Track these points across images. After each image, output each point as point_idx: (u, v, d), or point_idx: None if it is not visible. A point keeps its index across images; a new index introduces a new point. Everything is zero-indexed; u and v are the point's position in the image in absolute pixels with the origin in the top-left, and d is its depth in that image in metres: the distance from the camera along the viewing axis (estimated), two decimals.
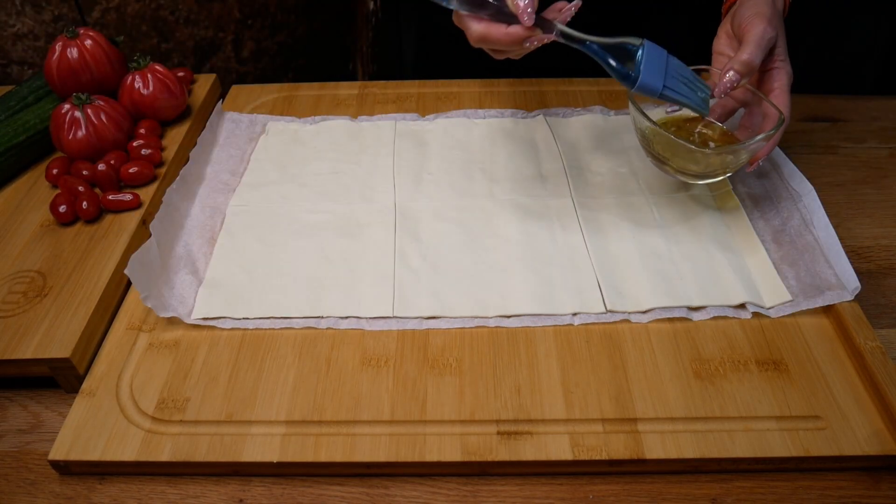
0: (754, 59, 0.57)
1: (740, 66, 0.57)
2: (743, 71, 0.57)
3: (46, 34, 1.13)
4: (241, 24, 1.21)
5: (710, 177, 0.62)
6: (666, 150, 0.61)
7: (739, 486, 0.48)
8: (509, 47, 0.55)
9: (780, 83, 0.59)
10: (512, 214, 0.66)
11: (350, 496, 0.48)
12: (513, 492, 0.48)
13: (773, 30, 0.58)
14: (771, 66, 0.60)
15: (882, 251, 0.65)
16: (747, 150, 0.58)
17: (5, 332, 0.56)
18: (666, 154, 0.61)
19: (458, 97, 0.83)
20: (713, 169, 0.61)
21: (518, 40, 0.54)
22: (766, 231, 0.64)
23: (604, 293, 0.58)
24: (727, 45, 0.62)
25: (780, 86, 0.59)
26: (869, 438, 0.49)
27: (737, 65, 0.57)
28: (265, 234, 0.66)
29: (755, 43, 0.57)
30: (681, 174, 0.62)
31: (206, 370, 0.54)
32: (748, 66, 0.57)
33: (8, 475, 0.51)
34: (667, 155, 0.61)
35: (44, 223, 0.66)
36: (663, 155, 0.61)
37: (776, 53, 0.60)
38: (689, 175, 0.62)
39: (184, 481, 0.50)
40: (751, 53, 0.57)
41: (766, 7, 0.59)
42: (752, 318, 0.57)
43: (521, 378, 0.53)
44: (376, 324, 0.57)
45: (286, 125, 0.79)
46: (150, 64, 0.76)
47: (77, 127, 0.70)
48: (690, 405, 0.51)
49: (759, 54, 0.57)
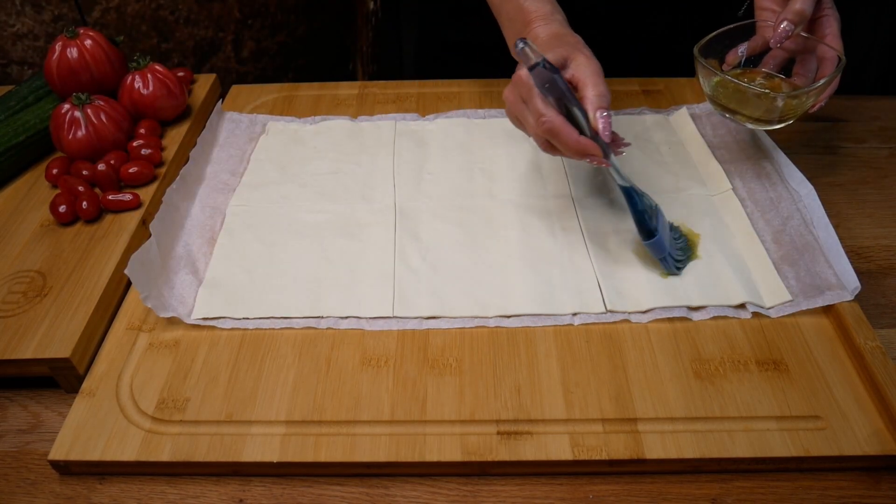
0: (806, 9, 0.59)
1: (793, 16, 0.59)
2: (796, 20, 0.59)
3: (46, 34, 1.13)
4: (241, 24, 1.20)
5: (779, 122, 0.64)
6: (733, 102, 0.64)
7: (739, 486, 0.48)
8: (573, 153, 0.55)
9: (831, 29, 0.62)
10: (512, 214, 0.66)
11: (350, 496, 0.48)
12: (513, 492, 0.48)
13: None
14: (820, 14, 0.62)
15: (882, 251, 0.65)
16: (812, 92, 0.61)
17: (5, 332, 0.56)
18: (734, 105, 0.64)
19: (458, 97, 0.83)
20: (783, 114, 0.63)
21: (583, 153, 0.55)
22: (766, 231, 0.64)
23: (604, 293, 0.58)
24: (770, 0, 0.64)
25: (831, 31, 0.62)
26: (869, 438, 0.49)
27: (790, 14, 0.59)
28: (265, 234, 0.66)
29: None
30: (750, 121, 0.65)
31: (206, 370, 0.54)
32: (801, 16, 0.59)
33: (8, 475, 0.51)
34: (735, 104, 0.64)
35: (44, 223, 0.66)
36: (733, 107, 0.64)
37: (824, 2, 0.62)
38: (762, 122, 0.64)
39: (184, 481, 0.50)
40: (803, 3, 0.59)
41: None
42: (752, 318, 0.57)
43: (521, 378, 0.53)
44: (376, 324, 0.57)
45: (286, 125, 0.79)
46: (150, 64, 0.76)
47: (77, 127, 0.70)
48: (690, 405, 0.51)
49: (810, 4, 0.59)
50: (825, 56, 0.62)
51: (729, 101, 0.65)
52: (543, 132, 0.55)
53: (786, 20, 0.59)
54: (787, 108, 0.62)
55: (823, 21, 0.62)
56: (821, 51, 0.63)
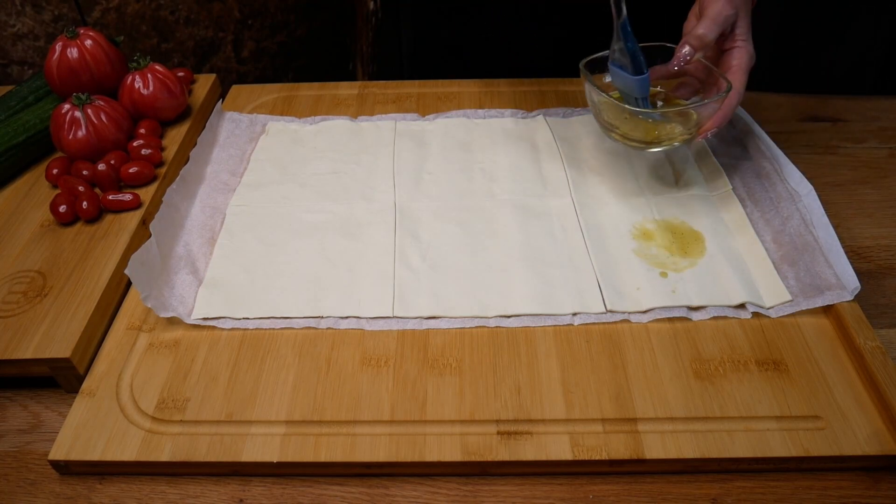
0: (708, 34, 0.59)
1: (694, 40, 0.59)
2: (696, 44, 0.59)
3: (46, 34, 1.13)
4: (241, 24, 1.20)
5: (656, 145, 0.63)
6: (613, 118, 0.63)
7: (739, 486, 0.48)
8: None
9: (738, 62, 0.61)
10: (512, 214, 0.66)
11: (350, 496, 0.48)
12: (513, 492, 0.48)
13: (732, 8, 0.59)
14: (732, 46, 0.61)
15: (882, 251, 0.65)
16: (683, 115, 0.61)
17: (5, 332, 0.56)
18: (614, 122, 0.63)
19: (458, 97, 0.83)
20: (660, 137, 0.62)
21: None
22: (766, 231, 0.64)
23: (604, 293, 0.58)
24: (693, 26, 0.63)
25: (737, 64, 0.61)
26: (869, 438, 0.49)
27: (691, 38, 0.59)
28: (265, 234, 0.66)
29: (711, 18, 0.59)
30: (629, 142, 0.64)
31: (206, 370, 0.54)
32: (701, 40, 0.59)
33: (8, 475, 0.51)
34: (617, 123, 0.63)
35: (44, 223, 0.66)
36: (611, 123, 0.64)
37: (737, 33, 0.61)
38: (639, 143, 0.64)
39: (184, 481, 0.50)
40: (706, 27, 0.58)
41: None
42: (752, 318, 0.57)
43: (521, 378, 0.53)
44: (376, 324, 0.57)
45: (286, 125, 0.79)
46: (150, 64, 0.76)
47: (77, 127, 0.70)
48: (690, 405, 0.51)
49: (714, 29, 0.59)
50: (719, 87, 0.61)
51: (610, 118, 0.64)
52: None
53: (686, 44, 0.59)
54: (663, 132, 0.62)
55: (734, 52, 0.61)
56: (720, 82, 0.61)
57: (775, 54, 0.89)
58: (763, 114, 0.77)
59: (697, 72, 0.64)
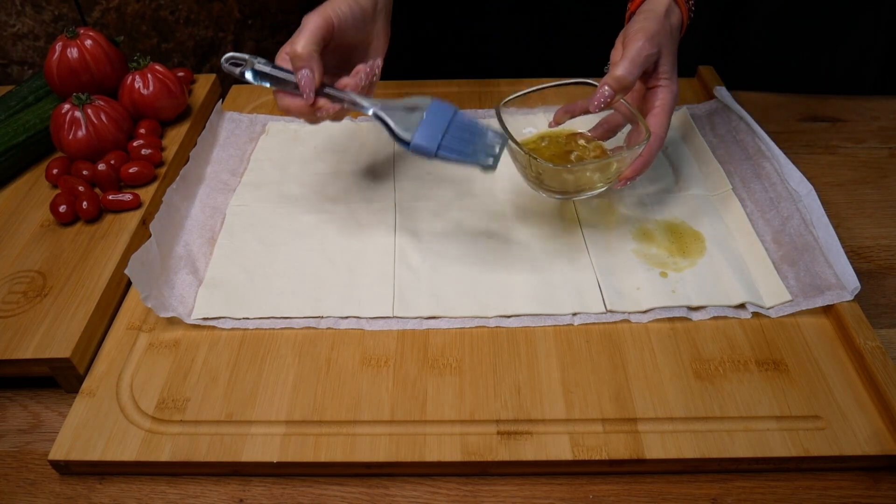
0: (628, 76, 0.56)
1: (613, 82, 0.56)
2: (616, 87, 0.56)
3: (46, 34, 1.13)
4: (241, 24, 1.20)
5: (577, 193, 0.61)
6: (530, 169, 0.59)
7: (739, 486, 0.48)
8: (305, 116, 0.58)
9: (661, 102, 0.59)
10: (512, 214, 0.66)
11: (350, 496, 0.48)
12: (513, 492, 0.48)
13: (654, 46, 0.57)
14: (655, 84, 0.59)
15: (882, 251, 0.65)
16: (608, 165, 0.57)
17: (5, 332, 0.56)
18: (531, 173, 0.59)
19: (458, 97, 0.83)
20: (580, 186, 0.59)
21: (305, 111, 0.57)
22: (766, 231, 0.64)
23: (604, 293, 0.58)
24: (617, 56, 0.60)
25: (660, 104, 0.59)
26: (869, 438, 0.49)
27: (610, 80, 0.56)
28: (265, 234, 0.66)
29: (630, 59, 0.56)
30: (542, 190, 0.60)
31: (206, 370, 0.54)
32: (620, 83, 0.56)
33: (8, 475, 0.51)
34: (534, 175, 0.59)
35: (44, 223, 0.66)
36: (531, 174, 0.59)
37: (660, 71, 0.59)
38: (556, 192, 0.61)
39: (184, 481, 0.50)
40: (625, 69, 0.56)
41: (652, 23, 0.57)
42: (752, 318, 0.57)
43: (521, 378, 0.53)
44: (376, 324, 0.57)
45: (286, 125, 0.79)
46: (150, 64, 0.76)
47: (77, 127, 0.70)
48: (690, 405, 0.51)
49: (633, 71, 0.56)
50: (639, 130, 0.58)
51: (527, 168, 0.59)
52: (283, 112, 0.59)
53: (606, 85, 0.56)
54: (582, 180, 0.59)
55: (658, 92, 0.59)
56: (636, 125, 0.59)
57: (775, 54, 0.89)
58: (763, 114, 0.77)
59: (620, 108, 0.60)
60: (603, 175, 0.59)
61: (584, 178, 0.59)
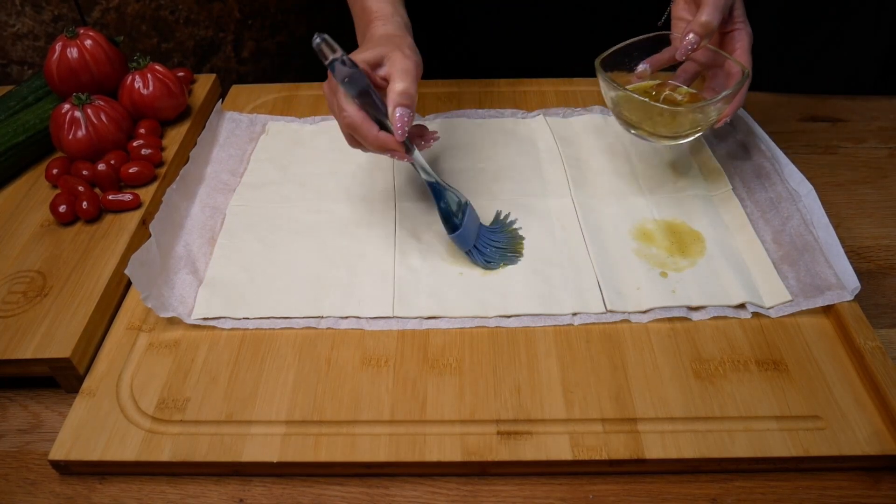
0: (712, 21, 0.59)
1: (699, 28, 0.59)
2: (702, 32, 0.59)
3: (46, 34, 1.13)
4: (241, 24, 1.20)
5: (682, 137, 0.64)
6: (635, 115, 0.64)
7: (739, 486, 0.48)
8: (375, 149, 0.57)
9: (741, 44, 0.62)
10: (512, 214, 0.66)
11: (350, 496, 0.48)
12: (513, 492, 0.48)
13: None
14: (731, 28, 0.62)
15: (882, 251, 0.65)
16: (714, 106, 0.60)
17: (5, 332, 0.56)
18: (636, 118, 0.64)
19: (458, 97, 0.83)
20: (684, 129, 0.63)
21: (383, 148, 0.56)
22: (766, 231, 0.64)
23: (604, 293, 0.58)
24: (685, 10, 0.64)
25: (741, 46, 0.62)
26: (869, 438, 0.49)
27: (696, 27, 0.59)
28: (265, 234, 0.66)
29: (713, 4, 0.59)
30: (654, 137, 0.64)
31: (206, 370, 0.54)
32: (706, 28, 0.59)
33: (8, 475, 0.51)
34: (637, 119, 0.64)
35: (44, 223, 0.66)
36: (633, 120, 0.64)
37: (735, 16, 0.62)
38: (662, 137, 0.64)
39: (184, 481, 0.50)
40: (709, 15, 0.58)
41: None
42: (752, 318, 0.57)
43: (521, 378, 0.53)
44: (376, 324, 0.57)
45: (286, 125, 0.79)
46: (150, 64, 0.76)
47: (77, 127, 0.70)
48: (690, 405, 0.51)
49: (717, 16, 0.59)
50: (732, 71, 0.62)
51: (632, 114, 0.64)
52: (345, 126, 0.57)
53: (692, 32, 0.59)
54: (690, 122, 0.62)
55: (735, 35, 0.62)
56: (728, 65, 0.62)
57: (775, 54, 0.89)
58: (763, 114, 0.77)
59: (698, 56, 0.64)
60: (704, 116, 0.62)
61: (688, 119, 0.62)
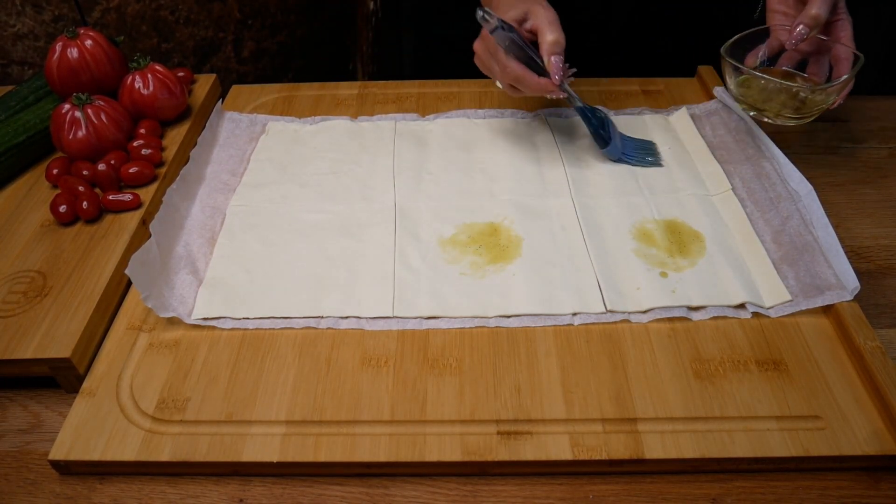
0: (822, 14, 0.64)
1: (810, 20, 0.64)
2: (812, 24, 0.65)
3: (46, 34, 1.13)
4: (241, 24, 1.20)
5: (804, 117, 0.71)
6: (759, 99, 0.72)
7: (739, 486, 0.48)
8: (535, 93, 0.66)
9: (845, 32, 0.68)
10: (512, 214, 0.66)
11: (350, 496, 0.49)
12: (513, 492, 0.48)
13: None
14: (836, 19, 0.68)
15: (882, 251, 0.65)
16: (839, 87, 0.67)
17: (5, 332, 0.56)
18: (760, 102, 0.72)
19: (458, 97, 0.83)
20: (807, 109, 0.69)
21: (544, 91, 0.66)
22: (766, 231, 0.64)
23: (604, 293, 0.58)
24: (781, 2, 0.70)
25: (846, 35, 0.68)
26: (869, 438, 0.49)
27: (806, 19, 0.64)
28: (265, 234, 0.66)
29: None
30: (778, 118, 0.72)
31: (206, 370, 0.54)
32: (816, 20, 0.64)
33: (8, 475, 0.51)
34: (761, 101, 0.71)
35: (44, 223, 0.66)
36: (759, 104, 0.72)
37: (839, 7, 0.67)
38: (787, 118, 0.71)
39: (184, 481, 0.50)
40: (819, 8, 0.64)
41: None
42: (752, 318, 0.57)
43: (521, 378, 0.53)
44: (376, 324, 0.57)
45: (286, 125, 0.79)
46: (150, 64, 0.76)
47: (77, 127, 0.70)
48: (690, 405, 0.51)
49: (826, 9, 0.64)
50: (839, 56, 0.67)
51: (755, 98, 0.71)
52: (509, 80, 0.66)
53: (802, 24, 0.64)
54: (811, 103, 0.69)
55: (838, 25, 0.68)
56: (835, 51, 0.68)
57: None
58: None
59: (803, 46, 0.68)
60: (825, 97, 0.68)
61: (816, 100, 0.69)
